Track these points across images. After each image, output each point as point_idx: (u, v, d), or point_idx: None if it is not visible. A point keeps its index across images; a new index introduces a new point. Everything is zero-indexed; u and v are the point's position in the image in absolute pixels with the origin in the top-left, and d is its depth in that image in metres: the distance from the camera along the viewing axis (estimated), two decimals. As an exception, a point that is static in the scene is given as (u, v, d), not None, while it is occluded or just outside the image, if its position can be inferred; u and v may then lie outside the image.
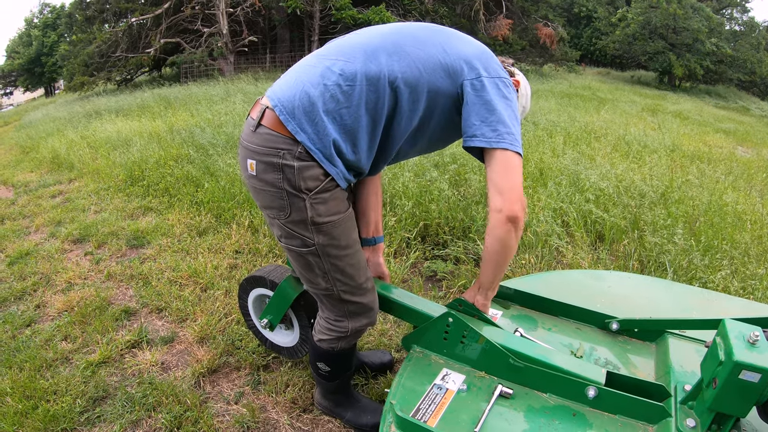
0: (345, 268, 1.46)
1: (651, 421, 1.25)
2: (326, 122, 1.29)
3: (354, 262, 1.47)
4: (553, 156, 5.23)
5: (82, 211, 4.40)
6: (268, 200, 1.38)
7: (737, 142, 9.96)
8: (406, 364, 1.43)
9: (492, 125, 1.29)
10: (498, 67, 1.39)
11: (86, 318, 2.64)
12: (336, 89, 1.29)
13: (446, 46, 1.36)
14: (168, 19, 16.21)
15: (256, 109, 1.40)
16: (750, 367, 1.06)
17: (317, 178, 1.33)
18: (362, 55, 1.32)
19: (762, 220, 3.88)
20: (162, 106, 9.78)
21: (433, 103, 1.36)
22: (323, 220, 1.36)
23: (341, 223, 1.40)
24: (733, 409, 1.14)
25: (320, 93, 1.29)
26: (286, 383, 2.07)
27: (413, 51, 1.33)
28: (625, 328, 1.63)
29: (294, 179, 1.31)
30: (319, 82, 1.30)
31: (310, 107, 1.29)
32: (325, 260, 1.43)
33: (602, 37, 29.40)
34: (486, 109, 1.30)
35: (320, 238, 1.39)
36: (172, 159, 5.30)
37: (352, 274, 1.48)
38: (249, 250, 3.35)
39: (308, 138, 1.29)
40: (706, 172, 5.57)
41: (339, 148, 1.33)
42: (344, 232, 1.42)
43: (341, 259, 1.44)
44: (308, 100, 1.29)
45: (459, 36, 1.43)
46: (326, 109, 1.29)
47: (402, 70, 1.31)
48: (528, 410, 1.28)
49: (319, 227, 1.37)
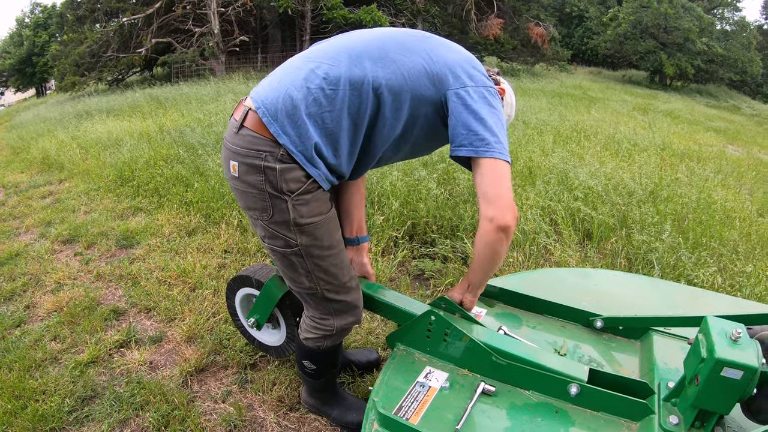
0: (328, 267, 1.46)
1: (634, 419, 1.26)
2: (308, 125, 1.30)
3: (337, 261, 1.48)
4: (542, 155, 5.26)
5: (72, 211, 4.38)
6: (251, 201, 1.38)
7: (728, 140, 10.05)
8: (390, 362, 1.43)
9: (479, 134, 1.29)
10: (483, 76, 1.40)
11: (75, 318, 2.63)
12: (319, 93, 1.29)
13: (432, 54, 1.37)
14: (159, 18, 16.11)
15: (239, 110, 1.40)
16: (732, 364, 1.06)
17: (299, 180, 1.33)
18: (347, 60, 1.33)
19: (751, 217, 3.92)
20: (153, 106, 9.74)
21: (416, 110, 1.36)
22: (305, 221, 1.37)
23: (324, 224, 1.41)
24: (716, 406, 1.14)
25: (303, 96, 1.30)
26: (273, 382, 2.08)
27: (398, 57, 1.34)
28: (609, 325, 1.64)
29: (276, 181, 1.32)
30: (302, 85, 1.31)
31: (293, 110, 1.29)
32: (309, 260, 1.43)
33: (594, 36, 29.55)
34: (473, 118, 1.30)
35: (303, 239, 1.39)
36: (162, 159, 5.29)
37: (336, 273, 1.48)
38: (238, 250, 3.35)
39: (290, 140, 1.30)
40: (695, 170, 5.61)
41: (320, 151, 1.33)
42: (327, 232, 1.43)
43: (324, 259, 1.44)
44: (291, 103, 1.29)
45: (445, 44, 1.44)
46: (308, 112, 1.30)
47: (386, 76, 1.32)
48: (510, 407, 1.29)
49: (302, 228, 1.38)
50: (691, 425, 1.19)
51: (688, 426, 1.19)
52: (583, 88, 16.43)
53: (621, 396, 1.27)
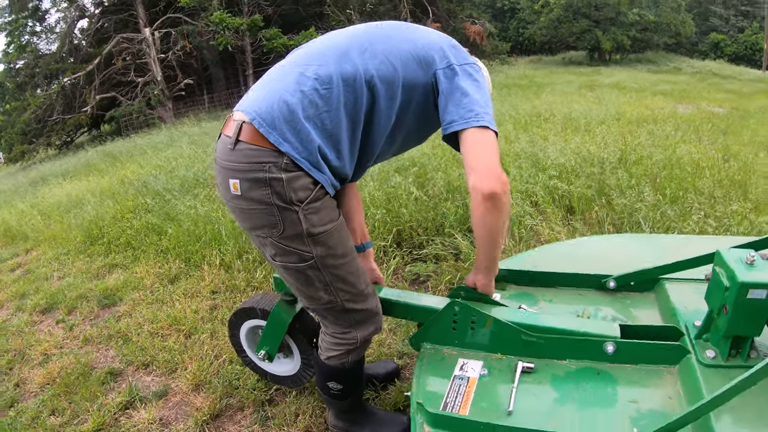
0: (346, 276, 1.41)
1: (672, 363, 1.27)
2: (309, 129, 1.26)
3: (353, 269, 1.43)
4: (507, 143, 5.33)
5: (44, 279, 4.20)
6: (258, 219, 1.32)
7: (676, 101, 10.40)
8: (420, 363, 1.40)
9: (467, 107, 1.29)
10: (465, 53, 1.42)
11: (71, 387, 2.49)
12: (314, 94, 1.26)
13: (414, 38, 1.38)
14: (100, 74, 15.85)
15: (230, 126, 1.33)
16: (756, 285, 1.10)
17: (307, 188, 1.28)
18: (335, 57, 1.30)
19: (718, 164, 4.04)
20: (108, 162, 9.52)
21: (408, 96, 1.35)
22: (318, 230, 1.32)
23: (336, 231, 1.37)
24: (747, 330, 1.17)
25: (298, 100, 1.26)
26: (295, 413, 1.99)
27: (384, 47, 1.33)
28: (622, 283, 1.65)
29: (284, 192, 1.26)
30: (295, 89, 1.27)
31: (290, 115, 1.25)
32: (325, 272, 1.38)
33: (528, 26, 30.36)
34: (460, 94, 1.30)
35: (318, 250, 1.34)
36: (128, 211, 5.15)
37: (354, 282, 1.43)
38: (226, 288, 3.25)
39: (292, 147, 1.25)
40: (654, 132, 5.78)
41: (324, 154, 1.29)
42: (340, 240, 1.38)
43: (340, 268, 1.39)
44: (287, 108, 1.25)
45: (423, 28, 1.46)
46: (307, 115, 1.26)
47: (377, 67, 1.30)
48: (553, 380, 1.28)
49: (316, 238, 1.33)
50: (728, 355, 1.21)
51: (725, 356, 1.21)
52: (529, 77, 16.81)
53: (656, 343, 1.28)
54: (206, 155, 7.32)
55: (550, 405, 1.21)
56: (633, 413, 1.16)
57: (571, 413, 1.17)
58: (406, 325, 2.46)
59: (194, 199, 4.96)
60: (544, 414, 1.18)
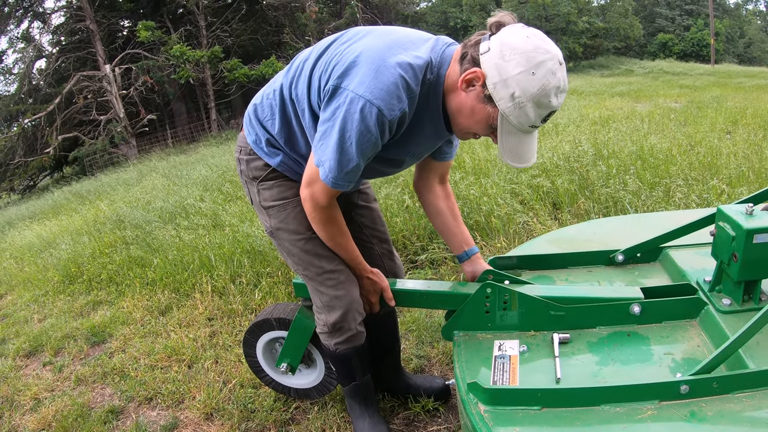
0: (300, 254, 1.58)
1: (693, 316, 1.37)
2: (261, 126, 1.56)
3: (308, 248, 1.57)
4: (485, 150, 5.42)
5: (24, 322, 4.01)
6: (244, 189, 1.68)
7: (634, 100, 10.78)
8: (457, 351, 1.42)
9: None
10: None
11: (69, 431, 2.38)
12: (265, 101, 1.55)
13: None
14: (61, 114, 15.45)
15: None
16: (759, 230, 1.21)
17: (261, 169, 1.58)
18: (283, 73, 1.53)
19: (687, 151, 4.20)
20: (77, 202, 9.26)
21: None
22: (269, 204, 1.58)
23: (285, 208, 1.56)
24: (757, 273, 1.28)
25: (260, 103, 1.56)
26: (321, 428, 1.94)
27: (298, 61, 1.47)
28: (629, 256, 1.72)
29: (246, 170, 1.61)
30: (263, 94, 1.57)
31: (254, 115, 1.58)
32: (282, 243, 1.60)
33: (482, 41, 31.00)
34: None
35: (272, 222, 1.59)
36: (107, 246, 5.00)
37: (310, 260, 1.57)
38: (223, 314, 3.18)
39: (251, 138, 1.58)
40: (621, 128, 5.97)
41: (273, 144, 1.55)
42: (290, 216, 1.56)
43: (294, 244, 1.58)
44: (253, 110, 1.59)
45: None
46: (258, 117, 1.57)
47: (284, 81, 1.48)
48: (589, 347, 1.34)
49: (268, 211, 1.58)
50: (741, 300, 1.33)
51: (740, 301, 1.33)
52: (489, 88, 17.13)
53: (676, 299, 1.37)
54: (179, 187, 7.21)
55: (595, 368, 1.26)
56: (671, 363, 1.24)
57: (616, 371, 1.23)
58: (417, 330, 2.45)
59: (176, 228, 4.86)
60: (592, 376, 1.23)
